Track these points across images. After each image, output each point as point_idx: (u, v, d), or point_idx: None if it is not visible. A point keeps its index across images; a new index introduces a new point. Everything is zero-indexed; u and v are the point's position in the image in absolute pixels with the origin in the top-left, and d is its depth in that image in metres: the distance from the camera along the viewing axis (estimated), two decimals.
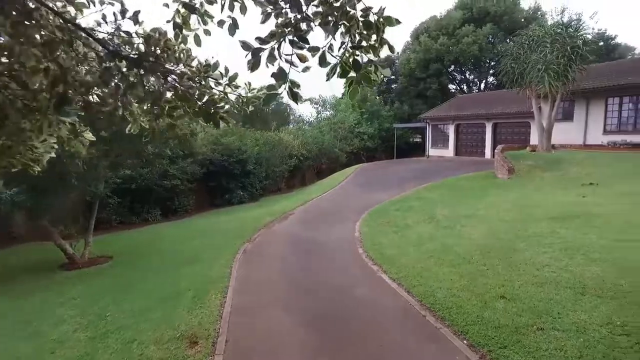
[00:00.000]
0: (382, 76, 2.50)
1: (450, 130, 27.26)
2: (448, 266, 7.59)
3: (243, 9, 2.59)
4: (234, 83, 2.91)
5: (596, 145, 18.65)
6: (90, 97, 2.95)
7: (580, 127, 19.58)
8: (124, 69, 2.84)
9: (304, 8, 2.28)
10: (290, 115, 41.65)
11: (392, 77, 43.05)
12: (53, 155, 3.25)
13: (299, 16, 2.28)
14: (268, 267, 8.99)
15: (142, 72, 2.81)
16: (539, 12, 32.82)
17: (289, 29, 2.28)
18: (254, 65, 2.31)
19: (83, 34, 2.73)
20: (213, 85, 2.89)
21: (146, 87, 2.85)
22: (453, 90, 39.40)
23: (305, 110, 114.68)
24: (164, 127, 3.22)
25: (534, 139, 21.17)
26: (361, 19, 2.32)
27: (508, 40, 32.31)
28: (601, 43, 31.47)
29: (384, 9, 2.32)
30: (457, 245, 8.74)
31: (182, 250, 11.65)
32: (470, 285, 6.58)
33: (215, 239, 12.67)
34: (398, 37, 48.65)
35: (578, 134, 19.59)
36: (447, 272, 7.27)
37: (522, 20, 32.67)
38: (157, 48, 2.83)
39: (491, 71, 36.56)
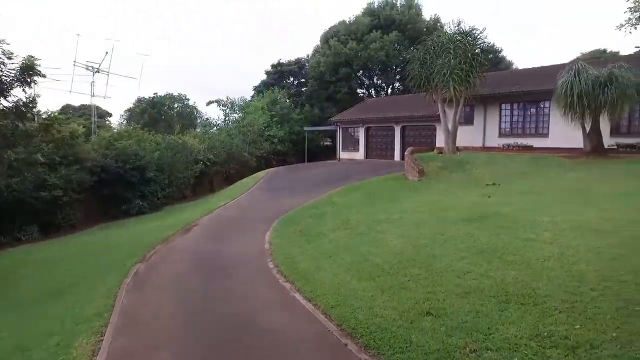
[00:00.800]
0: None
1: (361, 133, 27.50)
2: (367, 280, 6.90)
3: None
4: None
5: (494, 147, 19.87)
6: None
7: (479, 130, 20.77)
8: None
9: None
10: (197, 118, 39.22)
11: (302, 80, 42.83)
12: None
13: None
14: (162, 294, 7.54)
15: None
16: (438, 24, 34.81)
17: None
18: None
19: None
20: None
21: None
22: (362, 95, 40.28)
23: (212, 113, 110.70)
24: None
25: (440, 141, 22.03)
26: None
27: (413, 47, 34.03)
28: (491, 55, 34.35)
29: None
30: (375, 254, 8.15)
31: (53, 277, 9.57)
32: (393, 301, 5.92)
33: (100, 259, 10.72)
34: (307, 40, 48.70)
35: (478, 136, 20.75)
36: (367, 287, 6.56)
37: (425, 29, 34.38)
38: None
39: (397, 77, 38.01)
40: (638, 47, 46.63)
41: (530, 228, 8.31)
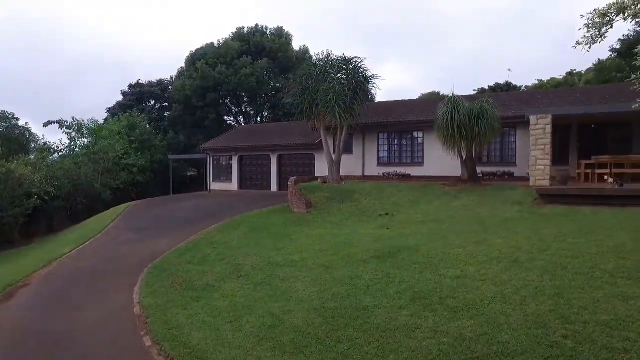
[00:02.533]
0: None
1: (234, 163, 25.49)
2: (293, 354, 5.11)
3: None
4: None
5: (374, 176, 20.00)
6: None
7: (359, 159, 20.80)
8: None
9: None
10: (31, 142, 31.96)
11: (166, 103, 39.03)
12: None
13: None
14: None
15: None
16: (307, 55, 35.41)
17: None
18: None
19: None
20: None
21: None
22: (230, 123, 38.36)
23: (53, 137, 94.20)
24: None
25: (320, 170, 21.45)
26: None
27: (283, 76, 33.82)
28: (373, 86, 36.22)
29: None
30: (289, 312, 6.38)
31: None
32: None
33: None
34: (171, 61, 45.13)
35: (358, 165, 20.74)
36: None
37: (295, 59, 34.56)
38: None
39: (267, 105, 37.20)
40: (510, 69, 53.93)
41: (450, 263, 7.65)
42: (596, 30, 5.39)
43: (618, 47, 29.69)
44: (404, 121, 19.33)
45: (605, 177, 12.00)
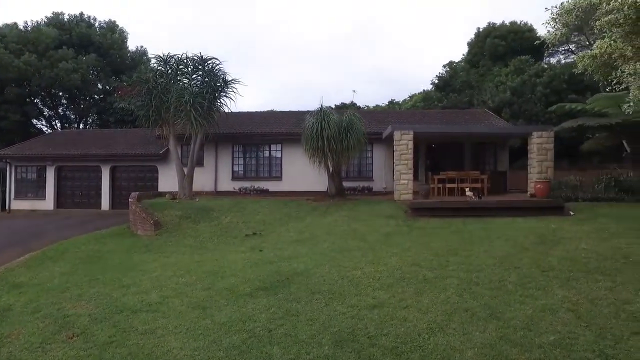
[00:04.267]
0: None
1: (49, 175, 20.15)
2: None
3: None
4: None
5: (229, 191, 18.05)
6: None
7: (211, 172, 18.58)
8: None
9: None
10: None
11: None
12: None
13: None
14: None
15: None
16: (145, 57, 31.31)
17: None
18: None
19: None
20: None
21: None
22: (42, 127, 31.12)
23: None
24: None
25: (165, 185, 18.44)
26: None
27: (115, 78, 28.99)
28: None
29: None
30: None
31: None
32: None
33: None
34: None
35: (209, 179, 18.50)
36: None
37: (130, 60, 30.12)
38: None
39: (94, 109, 31.31)
40: (355, 91, 57.41)
41: (355, 289, 6.52)
42: (562, 24, 5.15)
43: (436, 81, 34.81)
44: (262, 133, 18.06)
45: (466, 190, 12.84)
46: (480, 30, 32.96)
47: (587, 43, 32.08)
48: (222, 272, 8.09)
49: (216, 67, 15.37)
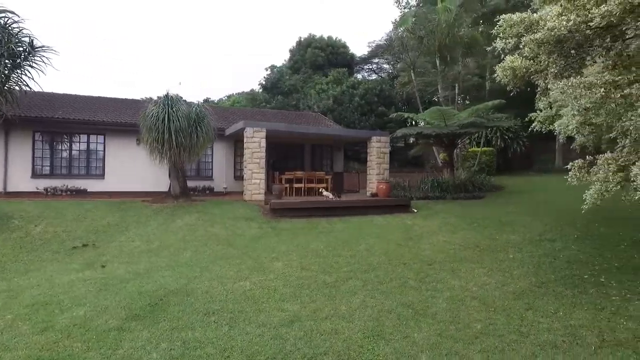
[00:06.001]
0: None
1: None
2: None
3: None
4: None
5: (26, 192, 14.08)
6: None
7: None
8: None
9: None
10: None
11: None
12: None
13: None
14: None
15: None
16: None
17: None
18: None
19: None
20: None
21: None
22: None
23: None
24: None
25: None
26: None
27: None
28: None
29: None
30: None
31: None
32: None
33: None
34: None
35: None
36: None
37: None
38: None
39: None
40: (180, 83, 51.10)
41: (255, 304, 5.81)
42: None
43: (263, 82, 35.32)
44: (81, 120, 14.71)
45: (321, 190, 13.13)
46: (302, 39, 34.94)
47: (389, 65, 37.75)
48: (58, 301, 6.09)
49: (13, 25, 11.65)
